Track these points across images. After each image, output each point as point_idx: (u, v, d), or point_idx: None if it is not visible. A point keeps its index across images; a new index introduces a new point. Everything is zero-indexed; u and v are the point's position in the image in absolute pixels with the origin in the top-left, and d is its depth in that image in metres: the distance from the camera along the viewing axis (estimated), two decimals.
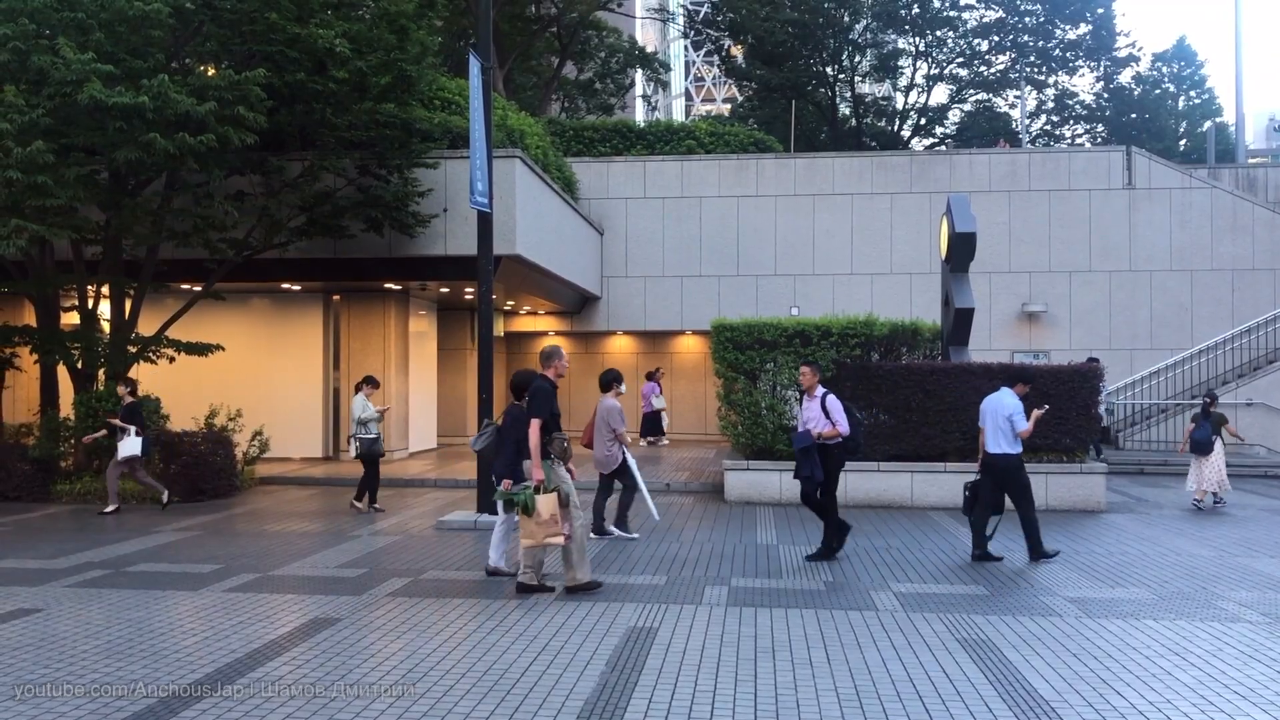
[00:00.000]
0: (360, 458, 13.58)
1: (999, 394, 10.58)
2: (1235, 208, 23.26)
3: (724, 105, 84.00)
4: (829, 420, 10.07)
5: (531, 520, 8.29)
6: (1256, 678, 6.31)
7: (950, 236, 15.50)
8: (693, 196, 24.04)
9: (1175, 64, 48.39)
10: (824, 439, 10.09)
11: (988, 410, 10.55)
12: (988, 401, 10.61)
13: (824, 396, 10.23)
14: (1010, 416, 10.33)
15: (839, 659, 6.67)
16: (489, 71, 12.92)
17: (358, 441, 13.53)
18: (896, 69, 42.63)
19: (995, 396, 10.58)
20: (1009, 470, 10.38)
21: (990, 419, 10.48)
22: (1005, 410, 10.37)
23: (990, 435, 10.46)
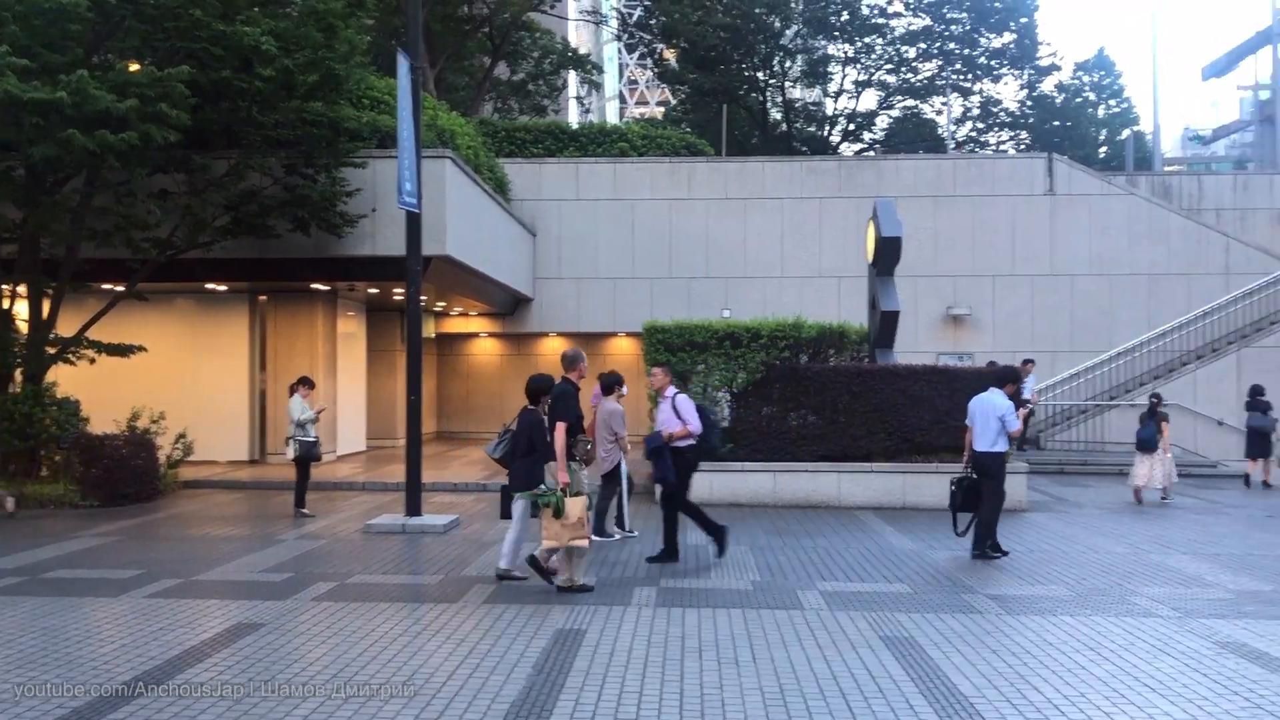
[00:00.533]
0: (297, 460, 13.41)
1: (989, 394, 10.76)
2: (1152, 214, 23.91)
3: (658, 108, 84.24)
4: (680, 420, 10.05)
5: (558, 522, 8.31)
6: (1166, 670, 6.51)
7: (877, 240, 15.73)
8: (626, 199, 24.09)
9: (1096, 73, 49.57)
10: (675, 439, 10.05)
11: (977, 410, 10.76)
12: (976, 402, 10.81)
13: (674, 397, 10.21)
14: (1003, 416, 10.55)
15: (765, 658, 6.74)
16: (418, 71, 12.85)
17: (296, 444, 13.35)
18: (826, 74, 43.14)
19: (985, 397, 10.76)
20: (994, 466, 10.63)
21: (980, 419, 10.69)
22: (998, 410, 10.59)
23: (979, 434, 10.67)
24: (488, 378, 26.10)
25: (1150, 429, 15.39)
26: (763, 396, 14.70)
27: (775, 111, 43.92)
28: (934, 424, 14.50)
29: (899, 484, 14.49)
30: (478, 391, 26.06)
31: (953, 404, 14.48)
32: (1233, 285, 23.15)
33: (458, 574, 9.56)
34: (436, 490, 15.73)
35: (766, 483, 14.58)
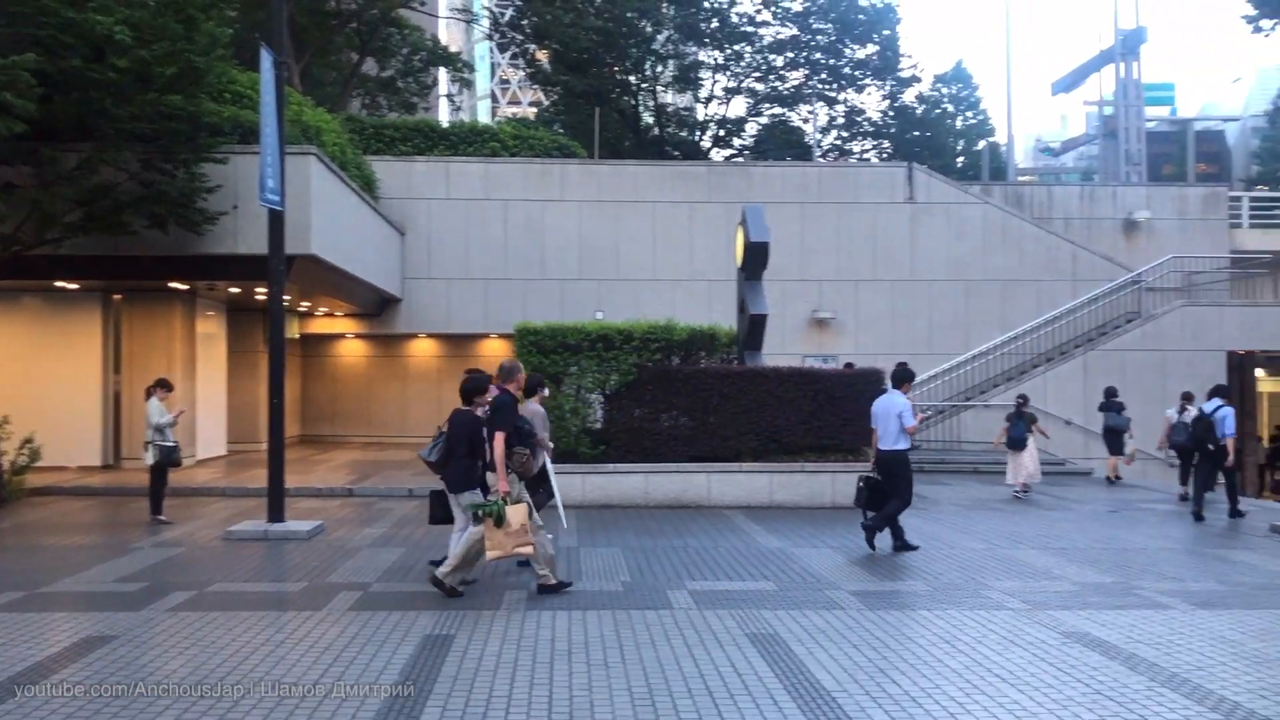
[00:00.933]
0: (155, 466, 12.92)
1: (889, 395, 11.28)
2: (1005, 223, 24.94)
3: (530, 109, 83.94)
4: None
5: (500, 532, 8.32)
6: (1016, 661, 6.81)
7: (745, 245, 16.01)
8: (497, 199, 23.95)
9: (954, 86, 51.41)
10: None
11: (880, 411, 11.23)
12: (879, 403, 11.31)
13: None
14: (900, 414, 11.03)
15: (634, 658, 6.81)
16: (282, 66, 12.54)
17: (155, 449, 12.86)
18: (697, 80, 43.64)
19: (886, 398, 11.27)
20: (897, 464, 11.11)
21: (883, 420, 11.16)
22: (896, 408, 11.08)
23: (883, 434, 11.15)
24: (354, 380, 25.60)
25: (1020, 428, 16.46)
26: (635, 398, 14.81)
27: (647, 115, 44.23)
28: (800, 424, 14.85)
29: (766, 483, 14.79)
30: (344, 394, 25.54)
31: (817, 405, 14.87)
32: (1079, 291, 24.33)
33: (322, 581, 9.37)
34: (301, 495, 15.37)
35: (639, 483, 14.69)
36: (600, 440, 14.87)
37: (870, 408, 11.43)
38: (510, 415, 8.86)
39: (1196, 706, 5.89)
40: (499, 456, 8.67)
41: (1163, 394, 21.83)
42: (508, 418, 8.82)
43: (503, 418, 8.79)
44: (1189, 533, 12.75)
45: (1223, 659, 6.86)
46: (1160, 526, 13.26)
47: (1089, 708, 5.85)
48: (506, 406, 8.90)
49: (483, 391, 9.03)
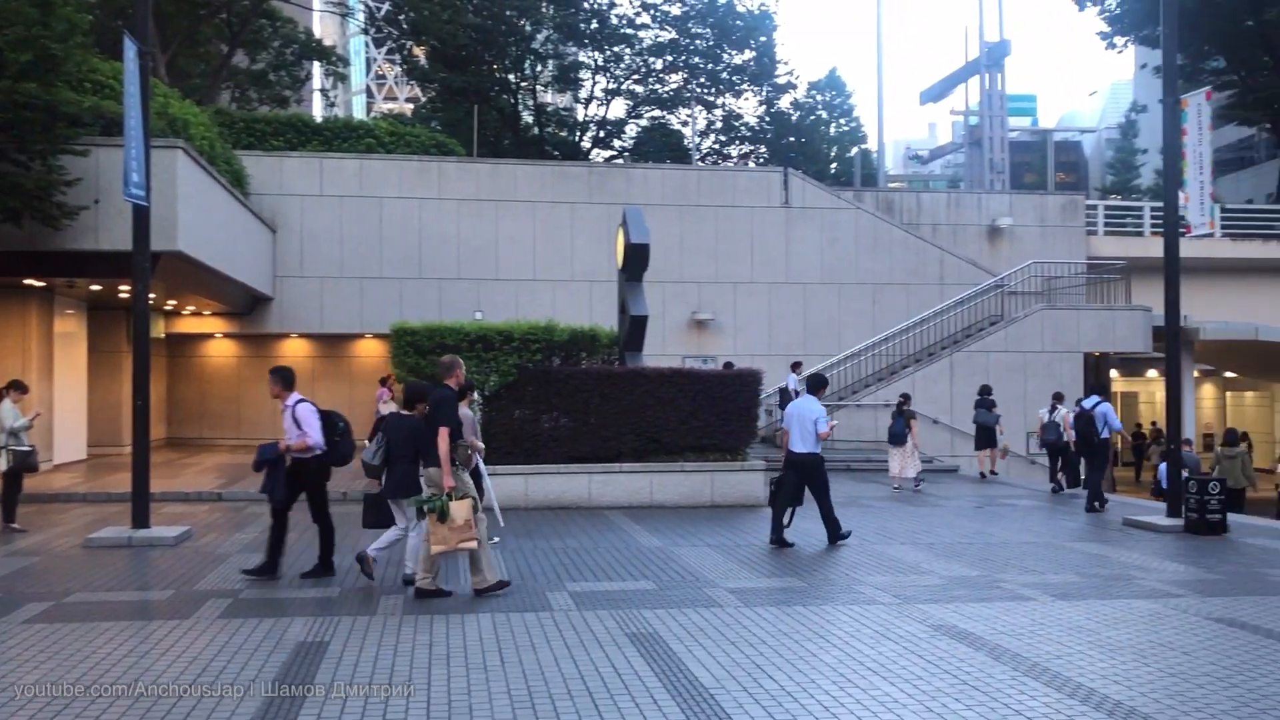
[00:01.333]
0: (9, 471, 12.31)
1: (804, 400, 11.64)
2: (876, 228, 25.63)
3: (407, 105, 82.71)
4: (300, 431, 9.32)
5: (444, 526, 8.35)
6: (887, 654, 7.01)
7: (626, 247, 16.08)
8: (373, 196, 23.53)
9: (828, 93, 52.56)
10: (294, 451, 9.36)
11: (794, 415, 11.57)
12: (793, 407, 11.70)
13: (295, 405, 9.41)
14: (816, 420, 11.38)
15: (513, 661, 6.77)
16: (147, 55, 12.09)
17: (9, 454, 12.25)
18: (577, 81, 43.69)
19: (801, 403, 11.62)
20: (812, 467, 11.48)
21: (796, 423, 11.48)
22: (812, 414, 11.40)
23: (796, 437, 11.46)
24: (223, 381, 24.83)
25: (900, 424, 17.55)
26: (515, 399, 14.73)
27: (527, 114, 44.05)
28: (680, 424, 14.99)
29: (647, 483, 14.88)
30: (212, 395, 24.75)
31: (697, 405, 15.03)
32: (946, 295, 25.16)
33: (190, 589, 9.07)
34: (167, 500, 14.82)
35: (519, 485, 14.62)
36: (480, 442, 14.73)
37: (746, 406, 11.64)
38: (452, 410, 8.83)
39: (1056, 693, 6.15)
40: (443, 452, 8.62)
41: (1024, 394, 22.76)
42: (450, 413, 8.77)
43: (445, 413, 8.73)
44: (1049, 527, 13.30)
45: (1080, 647, 7.18)
46: (1022, 521, 13.80)
47: (956, 697, 6.06)
48: (449, 401, 8.84)
49: (424, 398, 9.08)
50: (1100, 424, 14.69)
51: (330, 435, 9.52)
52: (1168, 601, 8.72)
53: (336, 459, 9.67)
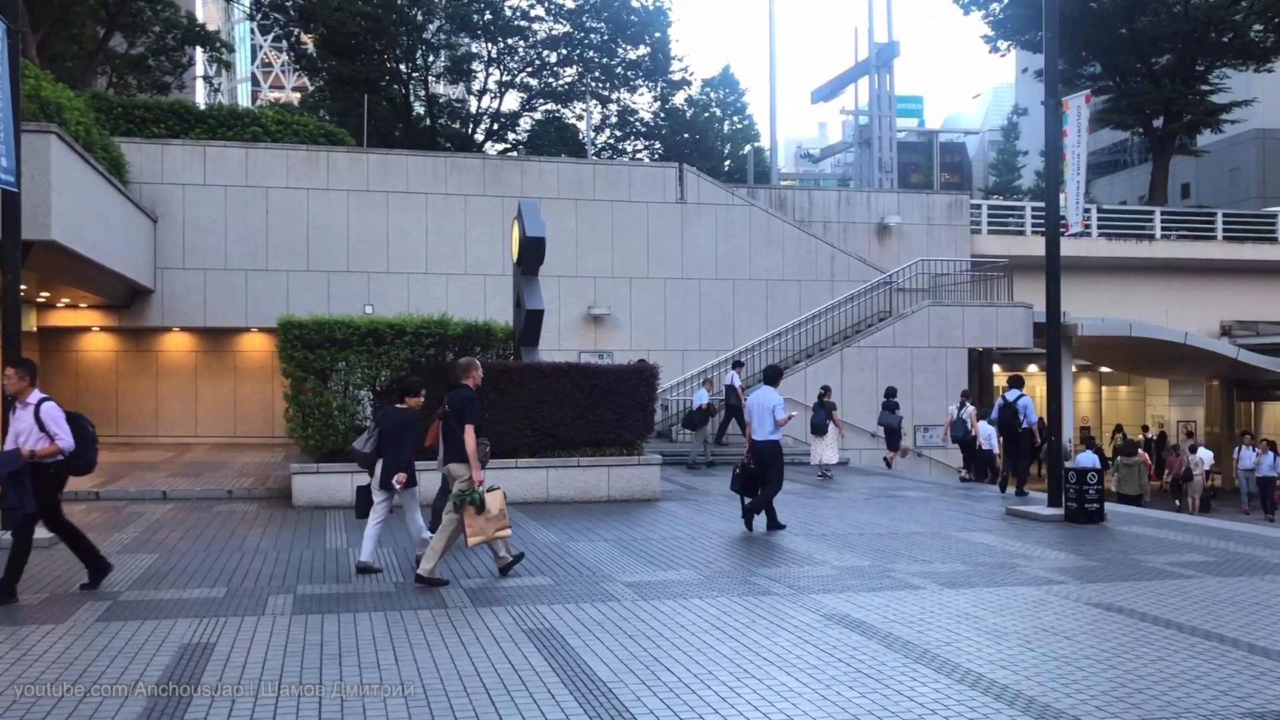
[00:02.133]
0: None
1: (763, 391, 12.37)
2: (769, 224, 25.93)
3: (294, 94, 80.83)
4: (45, 434, 8.36)
5: (481, 518, 8.85)
6: (782, 644, 7.08)
7: (521, 240, 15.96)
8: (258, 186, 22.89)
9: (721, 90, 53.08)
10: (40, 457, 8.33)
11: (755, 406, 12.27)
12: (755, 398, 12.35)
13: (39, 404, 8.44)
14: (773, 408, 12.11)
15: (407, 659, 6.65)
16: (17, 35, 11.53)
17: None
18: (470, 72, 43.20)
19: (761, 394, 12.33)
20: (771, 454, 12.19)
21: (758, 412, 12.21)
22: (770, 403, 12.15)
23: (758, 426, 12.19)
24: (101, 376, 23.88)
25: (820, 415, 18.48)
26: None
27: (419, 105, 43.45)
28: (576, 419, 14.92)
29: (543, 479, 14.79)
30: (90, 391, 23.76)
31: (593, 400, 14.99)
32: (837, 291, 25.60)
33: (65, 591, 8.69)
34: None
35: None
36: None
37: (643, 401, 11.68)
38: (476, 410, 9.18)
39: (945, 679, 6.29)
40: (471, 449, 8.98)
41: (911, 388, 23.29)
42: (475, 412, 9.14)
43: (470, 411, 9.08)
44: (938, 518, 13.63)
45: (967, 634, 7.36)
46: (911, 512, 14.11)
47: (850, 685, 6.15)
48: (472, 401, 9.19)
49: (416, 393, 9.76)
50: (1021, 415, 15.58)
51: (80, 439, 8.55)
52: (1050, 588, 9.00)
53: (81, 466, 8.66)
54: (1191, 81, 39.30)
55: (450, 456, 9.19)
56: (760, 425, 12.21)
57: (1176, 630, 7.50)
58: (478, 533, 8.88)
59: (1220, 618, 7.90)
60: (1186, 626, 7.61)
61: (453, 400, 9.18)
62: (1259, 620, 7.83)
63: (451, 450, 9.18)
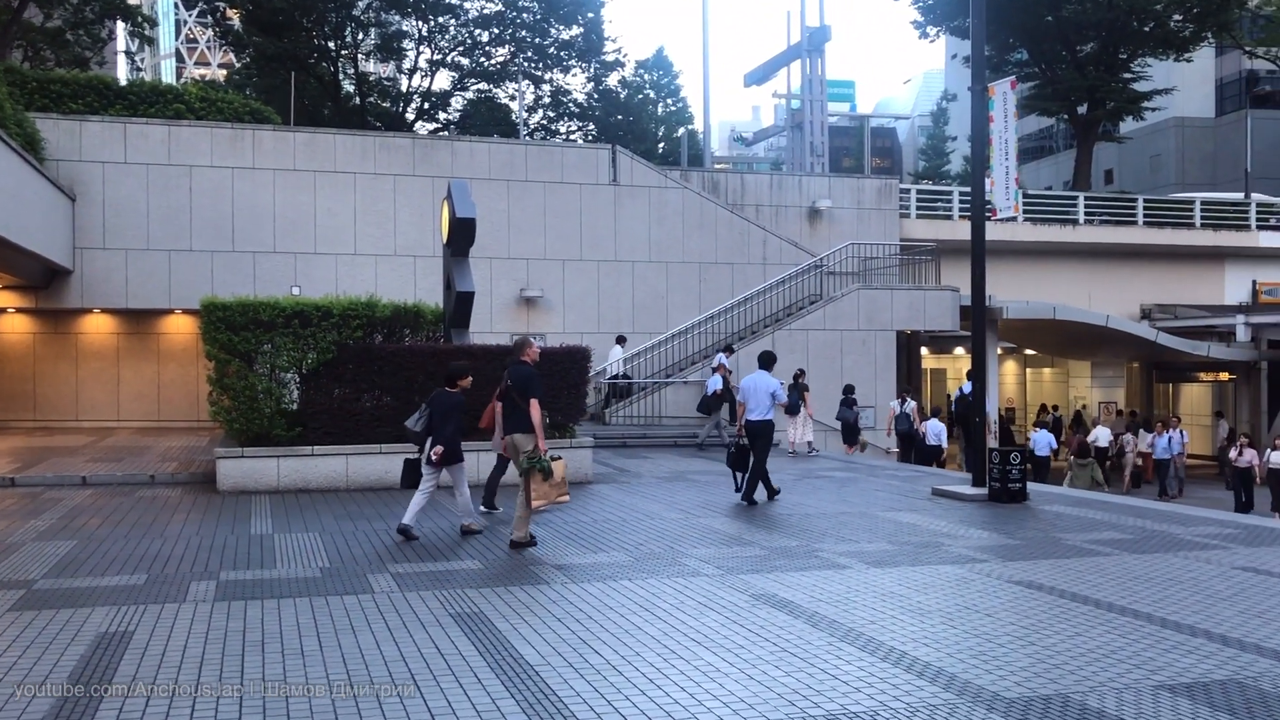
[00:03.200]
0: None
1: (760, 375, 13.23)
2: (702, 207, 25.98)
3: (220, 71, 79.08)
4: None
5: (546, 484, 9.46)
6: (710, 625, 7.12)
7: (451, 221, 15.79)
8: (182, 165, 22.36)
9: (655, 72, 52.99)
10: None
11: (750, 388, 13.12)
12: (751, 381, 13.17)
13: None
14: (773, 392, 13.12)
15: (332, 645, 6.57)
16: None
17: None
18: (400, 51, 42.61)
19: (758, 377, 13.18)
20: (765, 432, 13.03)
21: (753, 394, 13.05)
22: (770, 386, 13.09)
23: (753, 406, 13.02)
24: (17, 360, 23.19)
25: (794, 396, 19.11)
26: (335, 377, 14.28)
27: (348, 84, 42.77)
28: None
29: (472, 462, 14.65)
30: (4, 374, 23.06)
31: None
32: (769, 274, 25.75)
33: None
34: None
35: (338, 466, 14.21)
36: (297, 422, 14.25)
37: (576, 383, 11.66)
38: (539, 383, 9.94)
39: (870, 657, 6.38)
40: (537, 420, 9.69)
41: (840, 370, 23.53)
42: (538, 386, 9.87)
43: (534, 387, 9.83)
44: (865, 498, 13.80)
45: (892, 612, 7.47)
46: (839, 493, 14.28)
47: (776, 664, 6.21)
48: (535, 376, 9.95)
49: (465, 375, 10.61)
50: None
51: None
52: (973, 566, 9.17)
53: None
54: (1115, 69, 40.13)
55: (514, 428, 9.91)
56: (757, 405, 13.01)
57: (1094, 606, 7.69)
58: (542, 496, 9.49)
59: (1135, 593, 8.11)
60: (1103, 603, 7.80)
61: (516, 376, 9.90)
62: (1171, 595, 8.05)
63: (515, 422, 9.89)
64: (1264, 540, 10.57)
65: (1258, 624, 7.22)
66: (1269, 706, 5.56)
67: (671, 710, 5.45)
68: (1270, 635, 6.93)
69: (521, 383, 9.85)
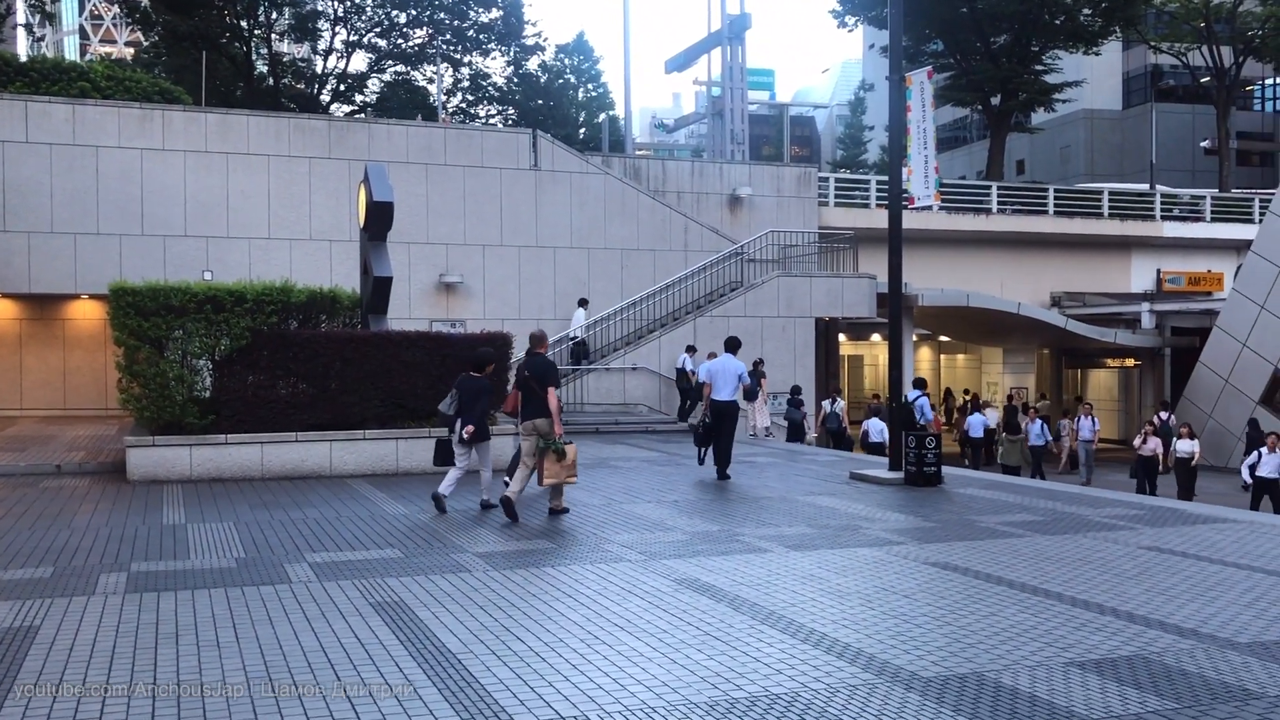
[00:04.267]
0: None
1: (726, 359, 14.11)
2: (624, 194, 25.97)
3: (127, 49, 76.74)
4: None
5: (559, 464, 10.55)
6: (633, 610, 7.13)
7: (368, 205, 15.56)
8: (88, 145, 21.66)
9: (576, 57, 52.73)
10: None
11: (717, 370, 14.01)
12: (717, 365, 14.08)
13: None
14: (740, 375, 14.07)
15: (249, 637, 6.44)
16: None
17: None
18: (315, 31, 41.82)
19: (725, 361, 14.06)
20: (731, 412, 13.94)
21: (720, 377, 13.92)
22: (736, 370, 13.99)
23: (720, 388, 13.85)
24: None
25: (753, 382, 19.36)
26: (249, 364, 13.99)
27: (261, 64, 41.83)
28: (428, 389, 14.67)
29: (393, 450, 14.53)
30: None
31: (445, 370, 14.77)
32: (691, 261, 25.85)
33: None
34: None
35: (253, 455, 13.93)
36: (210, 409, 13.93)
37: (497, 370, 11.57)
38: (556, 373, 11.07)
39: (791, 639, 6.45)
40: (555, 407, 10.63)
41: (761, 356, 23.73)
42: (555, 376, 10.97)
43: (552, 376, 10.84)
44: (785, 483, 13.95)
45: (812, 595, 7.56)
46: (760, 477, 14.41)
47: (698, 648, 6.24)
48: (552, 367, 10.97)
49: (490, 363, 11.58)
50: (918, 414, 16.50)
51: None
52: (890, 549, 9.33)
53: None
54: (1027, 61, 41.02)
55: (533, 413, 10.70)
56: (724, 387, 13.86)
57: (1007, 587, 7.87)
58: (553, 476, 10.55)
59: (1047, 573, 8.32)
60: (1016, 583, 8.00)
61: (534, 367, 10.77)
62: (1081, 575, 8.28)
63: (534, 408, 10.70)
64: (1168, 521, 10.93)
65: (1161, 601, 7.46)
66: (1172, 680, 5.75)
67: (595, 695, 5.45)
68: (1173, 612, 7.17)
69: (540, 372, 10.74)
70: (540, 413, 10.66)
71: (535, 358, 10.86)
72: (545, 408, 10.60)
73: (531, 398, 10.69)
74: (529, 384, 10.70)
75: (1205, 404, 28.04)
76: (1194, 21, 42.19)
